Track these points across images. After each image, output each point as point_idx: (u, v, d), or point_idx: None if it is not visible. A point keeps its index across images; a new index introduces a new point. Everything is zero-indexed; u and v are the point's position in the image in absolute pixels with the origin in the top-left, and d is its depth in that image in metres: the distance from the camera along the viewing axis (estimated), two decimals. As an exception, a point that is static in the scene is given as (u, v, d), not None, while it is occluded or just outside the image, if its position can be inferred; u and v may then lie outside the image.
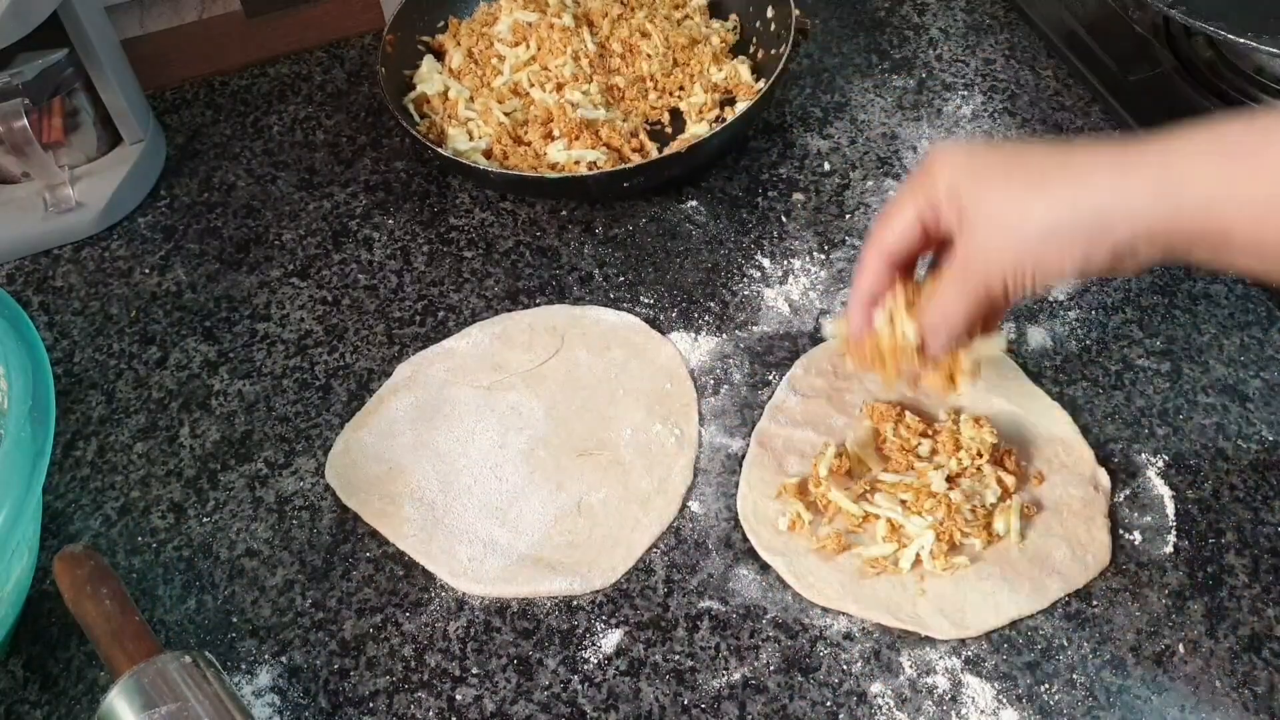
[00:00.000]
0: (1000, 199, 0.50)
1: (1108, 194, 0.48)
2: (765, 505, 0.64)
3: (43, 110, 0.83)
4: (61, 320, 0.79)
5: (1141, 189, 0.47)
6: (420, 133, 0.81)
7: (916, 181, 0.53)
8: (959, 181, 0.51)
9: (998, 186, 0.50)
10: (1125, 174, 0.48)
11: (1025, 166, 0.50)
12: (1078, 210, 0.48)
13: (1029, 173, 0.50)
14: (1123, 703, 0.56)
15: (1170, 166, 0.47)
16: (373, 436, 0.69)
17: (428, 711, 0.58)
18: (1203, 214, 0.46)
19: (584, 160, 0.80)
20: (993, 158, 0.51)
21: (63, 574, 0.59)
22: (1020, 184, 0.49)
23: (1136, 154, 0.48)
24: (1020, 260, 0.50)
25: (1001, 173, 0.50)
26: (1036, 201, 0.49)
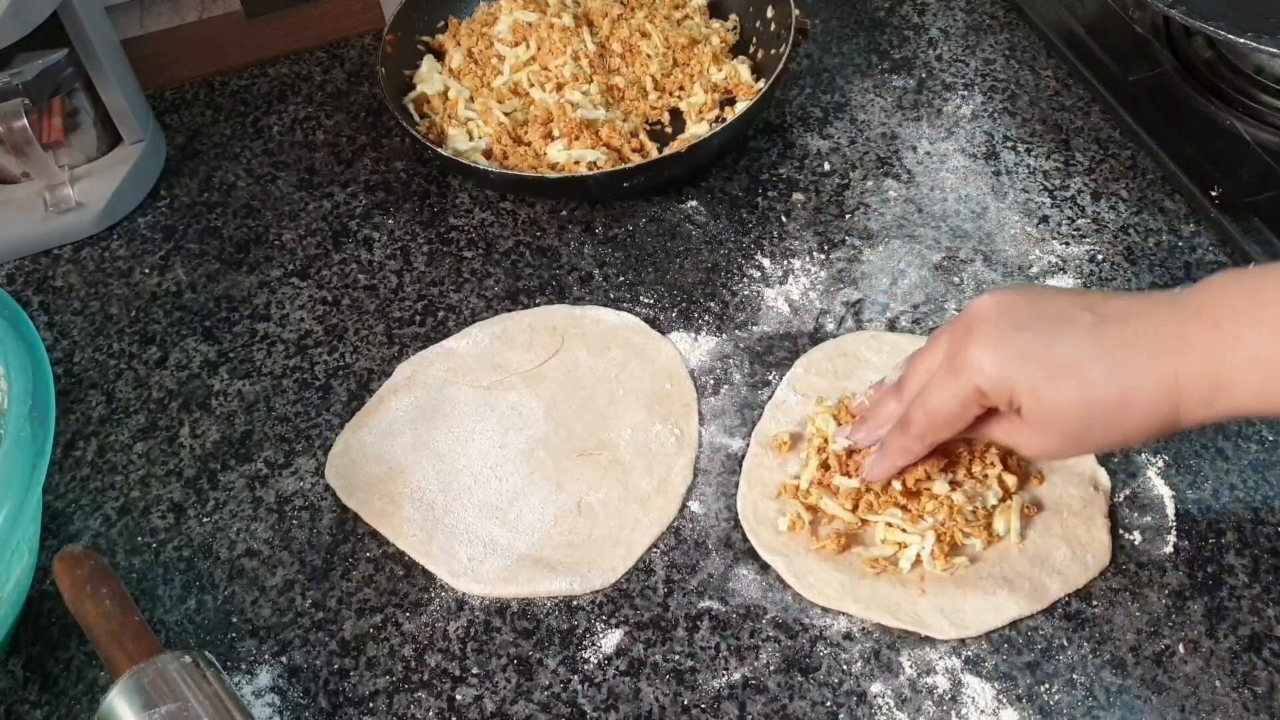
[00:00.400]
0: (1055, 403, 0.52)
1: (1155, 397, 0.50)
2: (765, 505, 0.64)
3: (43, 110, 0.83)
4: (61, 320, 0.79)
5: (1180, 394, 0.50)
6: (420, 133, 0.81)
7: (960, 382, 0.54)
8: (1010, 385, 0.52)
9: (1049, 391, 0.51)
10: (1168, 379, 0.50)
11: (1072, 367, 0.51)
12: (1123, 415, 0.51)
13: (1079, 374, 0.51)
14: (1123, 703, 0.56)
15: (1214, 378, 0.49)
16: (373, 436, 0.69)
17: (428, 711, 0.58)
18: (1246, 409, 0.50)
19: (584, 160, 0.80)
20: (1033, 352, 0.52)
21: (63, 574, 0.59)
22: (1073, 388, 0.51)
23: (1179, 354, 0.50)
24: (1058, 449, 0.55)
25: (1049, 374, 0.51)
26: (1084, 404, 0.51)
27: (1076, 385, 0.51)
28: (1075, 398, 0.51)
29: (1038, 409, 0.52)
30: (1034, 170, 0.82)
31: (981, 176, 0.82)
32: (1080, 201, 0.80)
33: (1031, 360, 0.51)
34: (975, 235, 0.78)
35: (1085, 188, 0.81)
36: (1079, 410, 0.51)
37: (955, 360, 0.54)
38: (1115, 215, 0.79)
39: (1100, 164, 0.82)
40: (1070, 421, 0.52)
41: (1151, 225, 0.78)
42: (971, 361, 0.53)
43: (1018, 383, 0.52)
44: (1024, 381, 0.52)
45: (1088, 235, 0.77)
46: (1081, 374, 0.51)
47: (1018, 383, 0.52)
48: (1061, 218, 0.79)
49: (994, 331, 0.53)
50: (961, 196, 0.81)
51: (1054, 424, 0.52)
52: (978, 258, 0.77)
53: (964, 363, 0.53)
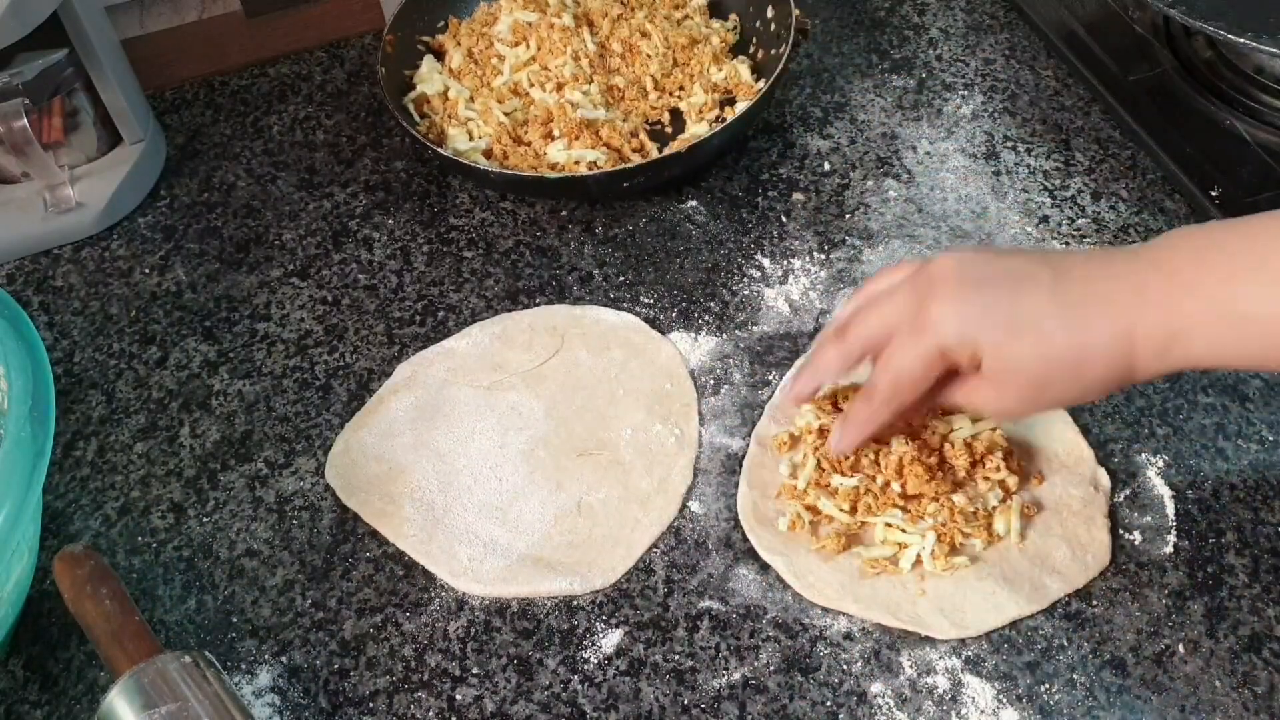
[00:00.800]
0: (1016, 356, 0.52)
1: (1112, 346, 0.51)
2: (765, 505, 0.64)
3: (43, 110, 0.83)
4: (61, 320, 0.79)
5: (1136, 345, 0.51)
6: (420, 133, 0.81)
7: (923, 341, 0.54)
8: (973, 341, 0.53)
9: (1010, 345, 0.52)
10: (1123, 328, 0.51)
11: (1031, 323, 0.52)
12: (1082, 366, 0.52)
13: (1038, 328, 0.52)
14: (1123, 703, 0.56)
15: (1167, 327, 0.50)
16: (373, 436, 0.69)
17: (428, 711, 0.58)
18: (1199, 360, 0.51)
19: (584, 160, 0.80)
20: (995, 310, 0.52)
21: (63, 574, 0.59)
22: (1032, 341, 0.52)
23: (1136, 305, 0.51)
24: (1016, 404, 0.55)
25: (1010, 329, 0.52)
26: (1043, 357, 0.52)
27: (1035, 341, 0.52)
28: (1034, 354, 0.52)
29: (998, 365, 0.53)
30: (1034, 170, 0.82)
31: (981, 176, 0.82)
32: (1080, 201, 0.80)
33: (993, 317, 0.52)
34: (975, 235, 0.78)
35: (1085, 188, 0.81)
36: (1038, 366, 0.52)
37: (917, 321, 0.54)
38: (1115, 215, 0.79)
39: (1100, 164, 0.82)
40: (1030, 377, 0.53)
41: (1151, 225, 0.78)
42: (934, 320, 0.53)
43: (980, 339, 0.52)
44: (985, 338, 0.52)
45: (1088, 235, 0.77)
46: (1041, 330, 0.51)
47: (980, 339, 0.52)
48: (1061, 218, 0.79)
49: (955, 289, 0.53)
50: (961, 196, 0.81)
51: (1013, 380, 0.53)
52: (978, 258, 0.77)
53: (925, 322, 0.53)
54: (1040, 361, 0.52)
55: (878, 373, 0.57)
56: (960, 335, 0.53)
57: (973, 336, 0.52)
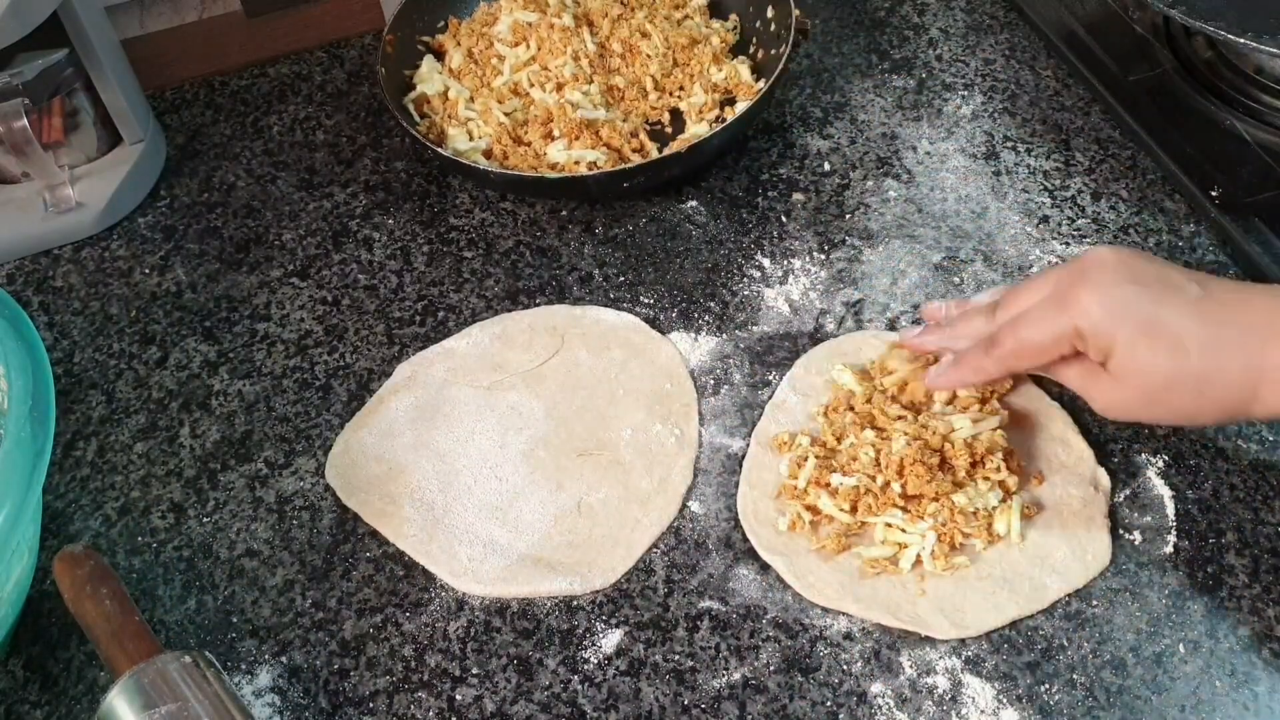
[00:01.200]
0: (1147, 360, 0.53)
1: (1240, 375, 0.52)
2: (765, 505, 0.64)
3: (43, 110, 0.83)
4: (61, 320, 0.79)
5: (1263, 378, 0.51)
6: (420, 133, 0.81)
7: (1060, 318, 0.55)
8: (1110, 332, 0.54)
9: (1144, 347, 0.53)
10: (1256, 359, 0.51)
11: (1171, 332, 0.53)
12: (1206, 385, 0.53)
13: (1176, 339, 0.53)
14: (1123, 703, 0.56)
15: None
16: (373, 436, 0.69)
17: (428, 711, 0.58)
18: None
19: (584, 160, 0.80)
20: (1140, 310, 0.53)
21: (63, 574, 0.59)
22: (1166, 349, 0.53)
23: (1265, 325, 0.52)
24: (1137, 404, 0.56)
25: (1148, 332, 0.53)
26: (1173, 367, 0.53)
27: (1170, 348, 0.53)
28: (1165, 361, 0.53)
29: (1128, 363, 0.54)
30: (1034, 170, 0.82)
31: (981, 176, 0.82)
32: (1080, 201, 0.80)
33: (1136, 315, 0.53)
34: (975, 235, 0.78)
35: (1085, 188, 0.81)
36: (1165, 374, 0.53)
37: (1064, 296, 0.55)
38: (1115, 215, 0.79)
39: (1100, 164, 0.82)
40: (1154, 382, 0.54)
41: (1151, 225, 0.78)
42: (1079, 301, 0.54)
43: (1117, 332, 0.53)
44: (1123, 332, 0.53)
45: (1088, 235, 0.77)
46: (1178, 340, 0.53)
47: (1117, 332, 0.53)
48: (1061, 218, 0.79)
49: (1109, 278, 0.54)
50: (961, 196, 0.81)
51: (1136, 381, 0.54)
52: (978, 258, 0.77)
53: (1072, 300, 0.55)
54: (1169, 369, 0.53)
55: (1005, 332, 0.58)
56: (1100, 322, 0.54)
57: (1111, 327, 0.53)
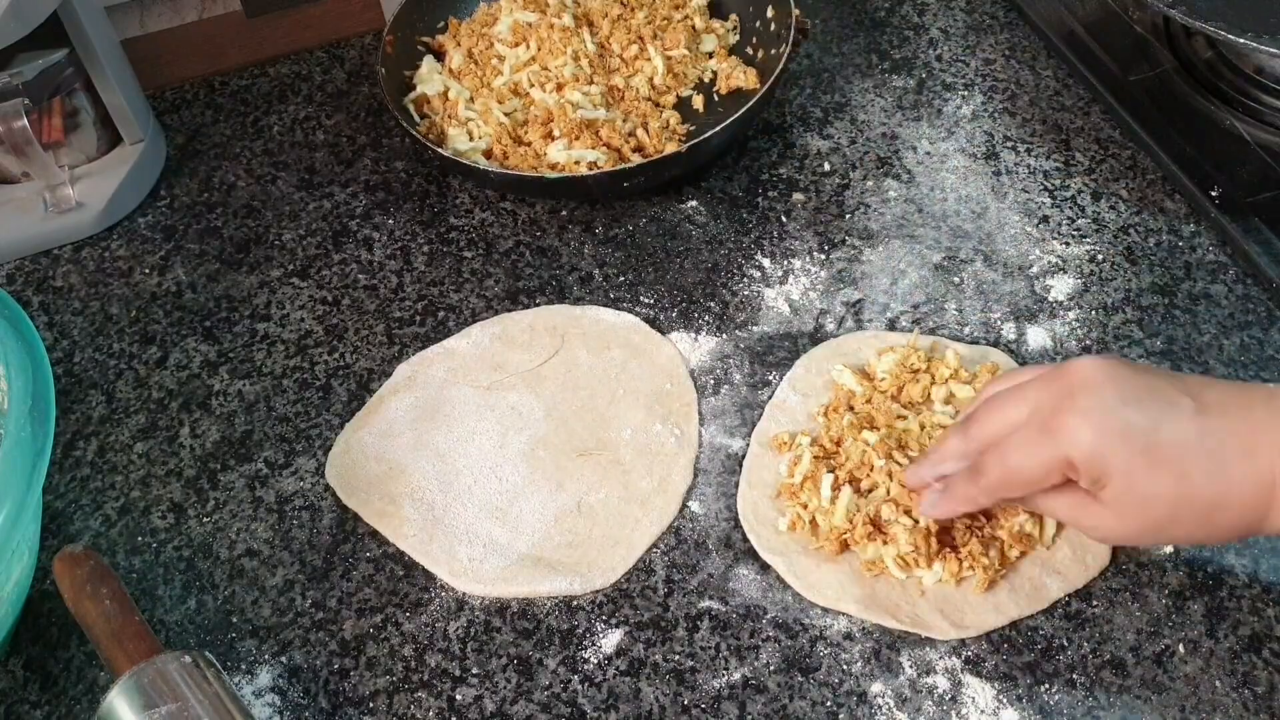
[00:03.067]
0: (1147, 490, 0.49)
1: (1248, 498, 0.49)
2: (765, 505, 0.64)
3: (43, 110, 0.83)
4: (61, 320, 0.79)
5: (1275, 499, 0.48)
6: (420, 133, 0.81)
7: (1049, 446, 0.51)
8: (1103, 463, 0.49)
9: (1143, 477, 0.49)
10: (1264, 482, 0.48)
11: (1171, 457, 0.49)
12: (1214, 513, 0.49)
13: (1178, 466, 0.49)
14: (1123, 703, 0.56)
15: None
16: (373, 436, 0.69)
17: (428, 711, 0.58)
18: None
19: (584, 160, 0.80)
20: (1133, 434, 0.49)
21: (63, 574, 0.59)
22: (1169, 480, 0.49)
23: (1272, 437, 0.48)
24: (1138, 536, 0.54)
25: (1146, 459, 0.49)
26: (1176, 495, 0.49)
27: (1175, 477, 0.49)
28: (1171, 490, 0.49)
29: (1127, 494, 0.50)
30: (1034, 170, 0.82)
31: (981, 176, 0.82)
32: (1080, 201, 0.80)
33: (1132, 442, 0.49)
34: (975, 235, 0.78)
35: (1085, 188, 0.81)
36: (1170, 504, 0.49)
37: (1050, 422, 0.50)
38: (1115, 215, 0.79)
39: (1100, 164, 0.82)
40: (1158, 511, 0.50)
41: (1151, 225, 0.78)
42: (1069, 429, 0.50)
43: (1113, 462, 0.49)
44: (1119, 461, 0.49)
45: (1088, 235, 0.77)
46: (1183, 466, 0.48)
47: (1113, 462, 0.49)
48: (1061, 218, 0.79)
49: (1099, 402, 0.50)
50: (961, 196, 0.81)
51: (1140, 510, 0.50)
52: (978, 258, 0.77)
53: (1060, 427, 0.50)
54: (1173, 497, 0.49)
55: (991, 460, 0.53)
56: (1093, 452, 0.49)
57: (1106, 458, 0.49)
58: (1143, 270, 0.75)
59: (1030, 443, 0.51)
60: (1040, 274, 0.75)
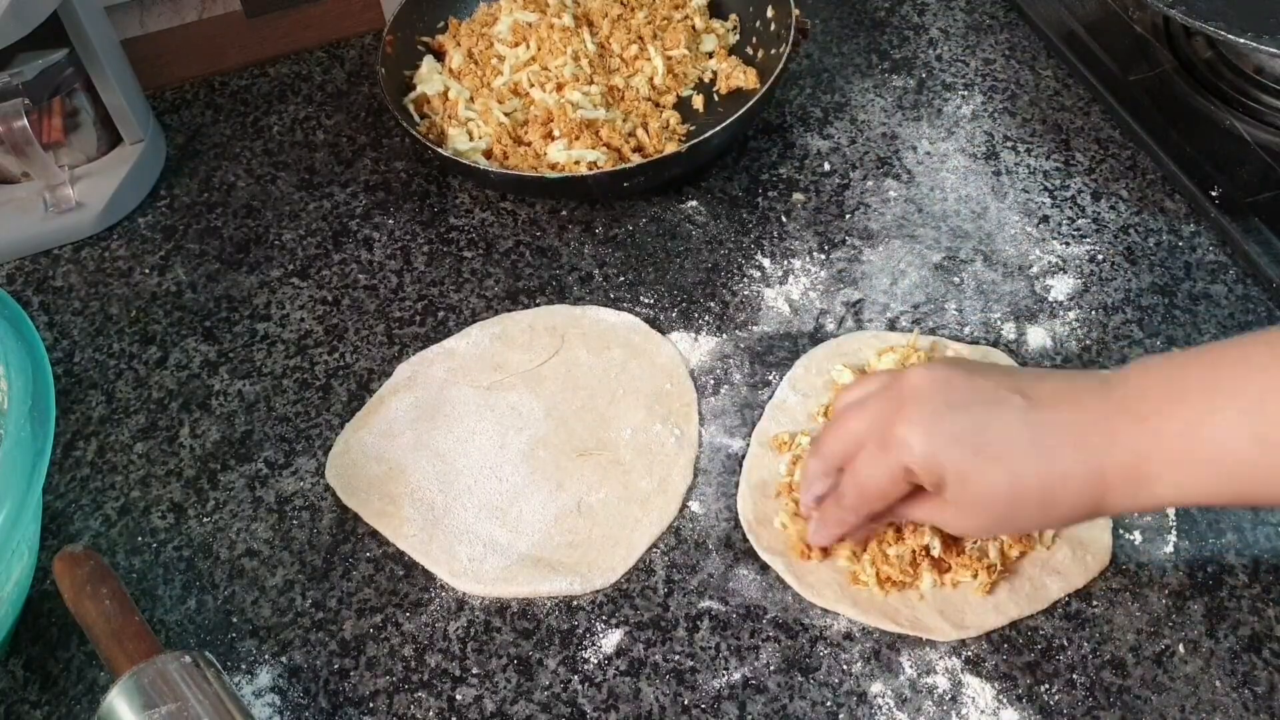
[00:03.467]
0: (982, 488, 0.51)
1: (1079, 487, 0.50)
2: (765, 505, 0.64)
3: (43, 110, 0.83)
4: (61, 320, 0.79)
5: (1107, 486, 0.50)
6: (420, 133, 0.81)
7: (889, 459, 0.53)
8: (938, 467, 0.51)
9: (976, 477, 0.51)
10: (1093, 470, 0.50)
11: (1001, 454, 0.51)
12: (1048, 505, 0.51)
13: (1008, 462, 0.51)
14: (1123, 703, 0.56)
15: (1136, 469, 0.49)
16: (373, 436, 0.69)
17: (428, 711, 0.58)
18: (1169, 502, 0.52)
19: (584, 160, 0.80)
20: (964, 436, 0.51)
21: (63, 574, 0.59)
22: (1002, 476, 0.51)
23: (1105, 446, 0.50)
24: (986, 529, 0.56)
25: (978, 459, 0.51)
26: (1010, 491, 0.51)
27: (1005, 472, 0.51)
28: (1003, 484, 0.51)
29: (963, 493, 0.52)
30: (1034, 170, 0.82)
31: (981, 176, 0.82)
32: (1080, 201, 0.80)
33: (961, 444, 0.51)
34: (975, 235, 0.78)
35: (1085, 188, 0.81)
36: (1005, 497, 0.51)
37: (885, 436, 0.53)
38: (1115, 215, 0.79)
39: (1100, 164, 0.82)
40: (997, 505, 0.52)
41: (1151, 225, 0.78)
42: (900, 440, 0.52)
43: (945, 466, 0.51)
44: (951, 465, 0.51)
45: (1088, 235, 0.77)
46: (1011, 461, 0.51)
47: (945, 466, 0.51)
48: (1061, 218, 0.79)
49: (926, 411, 0.52)
50: (961, 196, 0.81)
51: (979, 507, 0.52)
52: (978, 258, 0.77)
53: (893, 440, 0.52)
54: (1008, 492, 0.51)
55: (846, 480, 0.56)
56: (925, 458, 0.51)
57: (938, 461, 0.51)
58: (1143, 270, 0.75)
59: (873, 458, 0.54)
60: (1040, 274, 0.75)
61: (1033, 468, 0.50)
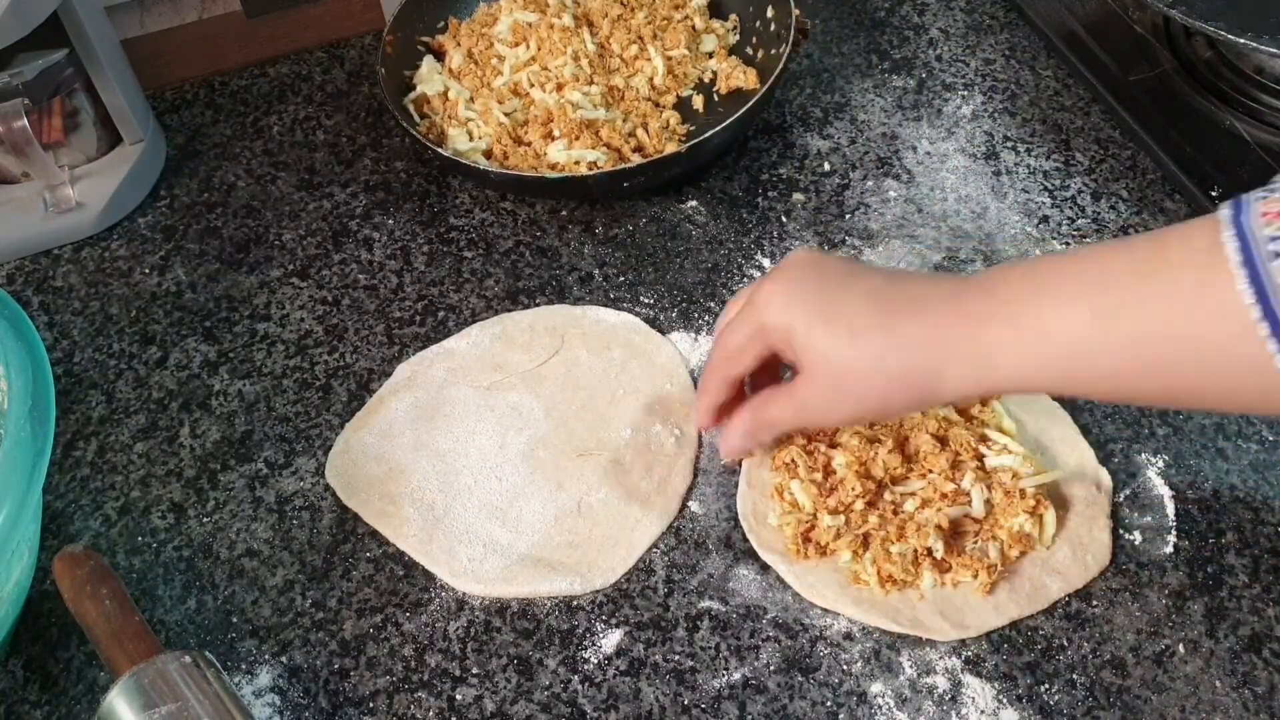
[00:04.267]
0: (836, 362, 0.53)
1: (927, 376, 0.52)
2: (765, 505, 0.64)
3: (43, 110, 0.83)
4: (61, 320, 0.79)
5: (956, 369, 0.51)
6: (420, 133, 0.81)
7: (750, 316, 0.57)
8: (788, 321, 0.54)
9: (831, 349, 0.53)
10: (933, 336, 0.51)
11: (846, 314, 0.53)
12: (906, 381, 0.52)
13: (851, 320, 0.53)
14: (1123, 703, 0.56)
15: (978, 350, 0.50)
16: (373, 436, 0.69)
17: (428, 711, 0.58)
18: (1014, 385, 0.52)
19: (584, 160, 0.80)
20: (817, 298, 0.54)
21: (63, 574, 0.59)
22: (851, 352, 0.53)
23: (949, 315, 0.51)
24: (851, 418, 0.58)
25: (824, 317, 0.54)
26: (869, 375, 0.53)
27: (845, 332, 0.53)
28: (846, 344, 0.53)
29: (809, 351, 0.54)
30: (1034, 170, 0.82)
31: (981, 176, 0.82)
32: (1080, 201, 0.80)
33: (811, 303, 0.54)
34: (975, 235, 0.78)
35: (1085, 188, 0.81)
36: (847, 358, 0.53)
37: (753, 298, 0.57)
38: (1115, 215, 0.79)
39: (1100, 164, 0.82)
40: (838, 367, 0.53)
41: (1151, 225, 0.78)
42: (763, 297, 0.56)
43: (796, 319, 0.54)
44: (801, 319, 0.54)
45: (1088, 235, 0.77)
46: (853, 322, 0.53)
47: (796, 319, 0.54)
48: (1061, 218, 0.79)
49: (791, 275, 0.56)
50: (961, 196, 0.81)
51: (823, 369, 0.54)
52: (978, 258, 0.77)
53: (758, 300, 0.56)
54: (849, 354, 0.53)
55: (714, 345, 0.60)
56: (779, 313, 0.55)
57: (789, 318, 0.54)
58: (1143, 270, 0.75)
59: (738, 318, 0.58)
60: (1040, 274, 0.75)
61: (872, 332, 0.52)
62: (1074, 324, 0.48)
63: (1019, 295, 0.50)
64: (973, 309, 0.51)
